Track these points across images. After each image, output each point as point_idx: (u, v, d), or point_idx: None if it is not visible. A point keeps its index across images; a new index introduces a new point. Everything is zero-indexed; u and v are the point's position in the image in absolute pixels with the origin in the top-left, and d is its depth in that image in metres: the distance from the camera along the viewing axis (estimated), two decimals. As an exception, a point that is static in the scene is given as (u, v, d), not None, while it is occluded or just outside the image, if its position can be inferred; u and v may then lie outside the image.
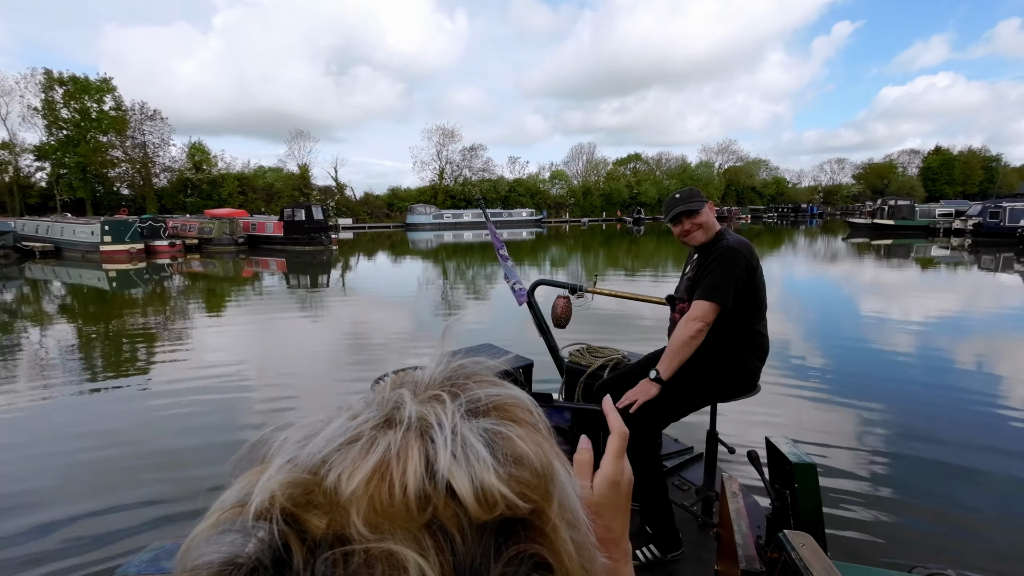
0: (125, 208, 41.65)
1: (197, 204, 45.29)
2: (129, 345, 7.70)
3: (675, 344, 2.08)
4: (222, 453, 3.61)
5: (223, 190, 47.18)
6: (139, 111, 46.82)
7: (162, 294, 13.51)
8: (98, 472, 3.66)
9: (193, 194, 47.89)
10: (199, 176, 48.50)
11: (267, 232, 27.48)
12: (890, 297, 11.04)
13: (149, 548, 1.33)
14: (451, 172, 65.30)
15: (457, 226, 51.99)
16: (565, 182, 68.82)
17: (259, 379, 5.79)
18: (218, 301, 12.29)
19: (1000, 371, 5.85)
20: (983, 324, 8.37)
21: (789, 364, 5.90)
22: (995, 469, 3.61)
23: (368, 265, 21.42)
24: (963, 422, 4.41)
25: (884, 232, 31.76)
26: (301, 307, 11.06)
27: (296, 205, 28.59)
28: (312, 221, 27.15)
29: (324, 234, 27.27)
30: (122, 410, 4.99)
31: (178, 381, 5.68)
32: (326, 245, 26.54)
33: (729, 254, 2.10)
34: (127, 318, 9.95)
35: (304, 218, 26.90)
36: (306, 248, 25.62)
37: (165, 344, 7.72)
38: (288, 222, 26.96)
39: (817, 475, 1.48)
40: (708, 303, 2.06)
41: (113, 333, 8.53)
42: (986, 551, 2.75)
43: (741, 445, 2.43)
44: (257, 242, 27.45)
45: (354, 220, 53.66)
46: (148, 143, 47.09)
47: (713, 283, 2.07)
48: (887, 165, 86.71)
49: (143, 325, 9.23)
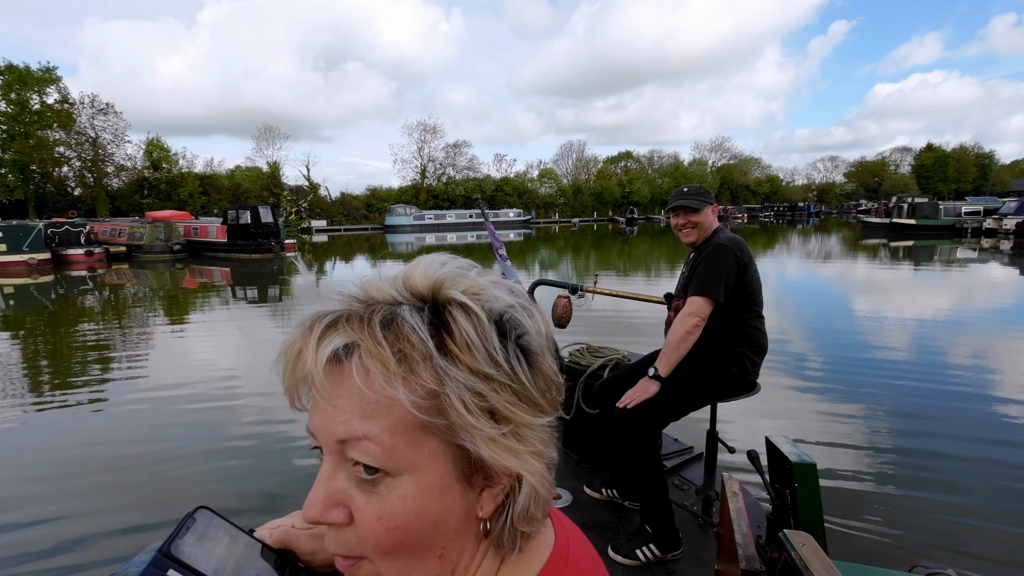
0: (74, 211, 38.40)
1: (155, 206, 41.69)
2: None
3: (672, 340, 2.08)
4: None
5: (183, 190, 43.37)
6: (90, 104, 42.84)
7: (51, 317, 10.24)
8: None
9: (150, 195, 43.99)
10: (157, 175, 44.57)
11: (209, 237, 23.70)
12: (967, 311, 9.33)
13: (149, 548, 0.90)
14: (434, 170, 61.97)
15: (440, 228, 49.50)
16: (554, 181, 65.84)
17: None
18: (120, 325, 9.16)
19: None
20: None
21: (817, 372, 5.80)
22: (997, 469, 3.61)
23: (341, 270, 18.99)
24: (965, 423, 4.40)
25: (904, 232, 29.00)
26: (224, 327, 9.05)
27: (241, 206, 24.58)
28: (259, 224, 23.16)
29: (274, 239, 23.32)
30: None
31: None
32: (277, 252, 22.80)
33: (718, 250, 2.11)
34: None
35: (250, 221, 23.00)
36: (252, 256, 22.01)
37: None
38: (232, 226, 23.08)
39: (817, 475, 1.45)
40: (701, 298, 2.06)
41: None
42: (987, 550, 2.78)
43: (742, 446, 2.23)
44: (199, 249, 23.83)
45: (329, 222, 50.22)
46: (100, 140, 43.09)
47: (704, 278, 2.08)
48: (879, 163, 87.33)
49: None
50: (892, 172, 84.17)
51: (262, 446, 4.10)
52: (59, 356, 7.30)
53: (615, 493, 2.59)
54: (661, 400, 2.07)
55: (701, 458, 2.88)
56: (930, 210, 29.21)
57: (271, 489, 3.49)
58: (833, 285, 12.84)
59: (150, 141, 45.76)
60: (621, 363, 2.81)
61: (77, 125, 41.65)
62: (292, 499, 3.20)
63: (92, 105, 42.89)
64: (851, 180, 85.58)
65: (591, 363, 2.84)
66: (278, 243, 23.24)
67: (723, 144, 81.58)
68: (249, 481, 3.61)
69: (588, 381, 2.75)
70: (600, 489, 2.64)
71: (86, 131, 42.35)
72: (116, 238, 22.76)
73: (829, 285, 12.87)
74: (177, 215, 26.30)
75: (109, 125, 43.61)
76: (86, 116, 42.49)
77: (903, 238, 27.62)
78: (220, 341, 7.90)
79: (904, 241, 26.00)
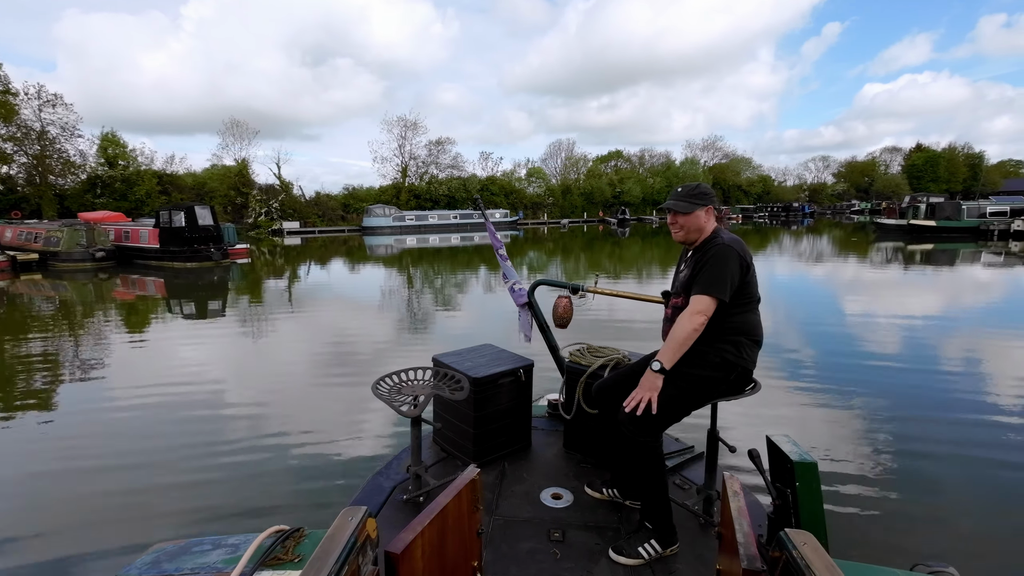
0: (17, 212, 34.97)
1: (108, 206, 38.16)
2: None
3: (678, 337, 2.09)
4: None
5: (139, 189, 39.84)
6: (36, 95, 39.09)
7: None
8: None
9: (104, 194, 40.34)
10: (111, 174, 40.91)
11: (141, 242, 20.15)
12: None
13: (151, 550, 1.21)
14: (416, 169, 58.86)
15: (421, 229, 46.70)
16: (543, 180, 63.12)
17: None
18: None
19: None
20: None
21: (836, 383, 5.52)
22: (999, 468, 3.65)
23: (309, 277, 16.11)
24: (967, 423, 4.43)
25: (923, 235, 26.74)
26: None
27: (174, 206, 20.57)
28: (195, 227, 19.38)
29: (214, 244, 19.70)
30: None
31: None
32: (217, 260, 19.28)
33: (724, 251, 2.14)
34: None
35: (184, 223, 19.19)
36: (187, 264, 18.57)
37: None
38: (164, 229, 19.28)
39: (818, 473, 1.47)
40: (708, 298, 2.09)
41: None
42: (988, 549, 2.80)
43: (743, 445, 2.22)
44: (130, 256, 20.44)
45: (302, 223, 46.97)
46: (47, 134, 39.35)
47: (711, 279, 2.11)
48: (869, 163, 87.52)
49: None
50: (882, 172, 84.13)
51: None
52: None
53: (616, 493, 2.55)
54: (664, 400, 2.09)
55: (702, 457, 2.85)
56: (952, 211, 26.90)
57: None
58: (859, 291, 12.09)
59: (104, 136, 42.03)
60: (621, 363, 2.82)
61: (19, 118, 37.93)
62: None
63: (39, 96, 39.20)
64: (841, 180, 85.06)
65: (591, 363, 2.85)
66: (219, 249, 19.68)
67: (715, 143, 79.96)
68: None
69: (588, 381, 2.76)
70: (601, 489, 2.60)
71: (31, 124, 38.64)
72: (30, 243, 19.35)
73: (857, 291, 12.06)
74: (110, 216, 22.89)
75: (58, 118, 39.90)
76: (31, 109, 38.77)
77: (921, 241, 25.43)
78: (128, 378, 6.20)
79: (923, 244, 23.87)
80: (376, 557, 1.17)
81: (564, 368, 3.12)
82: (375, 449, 4.16)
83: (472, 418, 2.82)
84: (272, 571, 0.99)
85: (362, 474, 3.57)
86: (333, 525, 1.06)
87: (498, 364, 2.98)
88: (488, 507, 2.46)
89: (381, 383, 2.51)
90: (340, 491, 3.50)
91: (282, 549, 1.05)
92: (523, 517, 2.40)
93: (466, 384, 2.62)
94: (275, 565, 1.01)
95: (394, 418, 4.59)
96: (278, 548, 1.05)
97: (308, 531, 1.13)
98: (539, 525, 2.34)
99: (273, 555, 1.03)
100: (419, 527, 1.19)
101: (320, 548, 0.98)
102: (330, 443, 4.29)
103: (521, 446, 3.05)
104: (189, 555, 1.08)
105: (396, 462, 2.88)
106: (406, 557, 1.12)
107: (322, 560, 0.94)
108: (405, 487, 2.59)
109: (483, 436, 2.86)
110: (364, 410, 4.89)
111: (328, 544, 0.99)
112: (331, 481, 3.70)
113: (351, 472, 3.77)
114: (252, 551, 1.02)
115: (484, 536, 1.94)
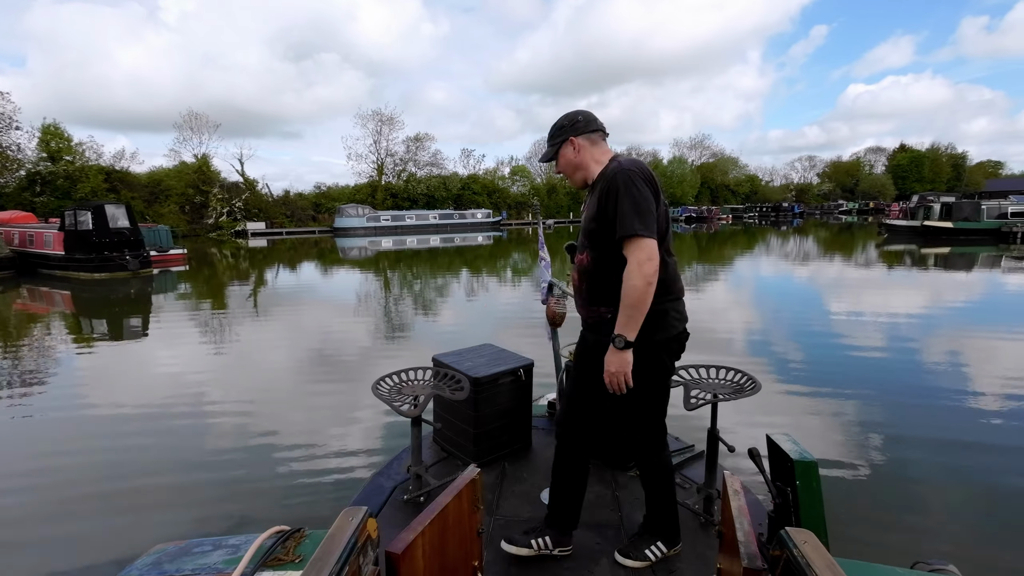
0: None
1: (50, 204, 34.57)
2: None
3: (632, 298, 1.72)
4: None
5: (83, 186, 36.24)
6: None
7: None
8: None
9: (45, 191, 36.64)
10: (53, 169, 37.17)
11: (45, 248, 16.84)
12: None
13: (151, 551, 1.21)
14: (392, 166, 55.78)
15: (398, 230, 43.86)
16: (527, 179, 60.53)
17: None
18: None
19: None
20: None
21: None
22: (1000, 468, 3.62)
23: (276, 282, 13.48)
24: (969, 424, 4.37)
25: (939, 237, 24.79)
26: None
27: (80, 205, 16.72)
28: (105, 231, 15.73)
29: (130, 251, 16.13)
30: None
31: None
32: (134, 270, 16.04)
33: (630, 177, 1.75)
34: None
35: (92, 226, 15.54)
36: (94, 276, 15.33)
37: None
38: (70, 232, 15.80)
39: (819, 472, 1.45)
40: (645, 239, 1.70)
41: None
42: (988, 547, 2.78)
43: (743, 445, 2.18)
44: (34, 264, 17.22)
45: (269, 224, 43.72)
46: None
47: (634, 213, 1.71)
48: (854, 163, 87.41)
49: None
50: (867, 172, 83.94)
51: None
52: None
53: (547, 542, 2.28)
54: (644, 385, 1.88)
55: (702, 456, 2.86)
56: (971, 211, 24.93)
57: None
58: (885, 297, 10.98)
59: (45, 128, 38.20)
60: None
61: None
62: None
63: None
64: (826, 180, 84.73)
65: None
66: (136, 256, 16.21)
67: (703, 142, 78.38)
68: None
69: None
70: (529, 542, 2.28)
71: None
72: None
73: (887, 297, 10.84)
74: (17, 217, 19.57)
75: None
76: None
77: (937, 244, 23.46)
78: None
79: (940, 247, 21.90)
80: (377, 557, 1.19)
81: (564, 368, 3.14)
82: (375, 450, 4.15)
83: (472, 418, 2.83)
84: (273, 571, 1.00)
85: (362, 474, 3.60)
86: (334, 525, 1.08)
87: (498, 364, 2.98)
88: (488, 507, 2.49)
89: (381, 383, 2.54)
90: (340, 491, 3.48)
91: (283, 549, 1.06)
92: (523, 517, 2.44)
93: (466, 384, 2.65)
94: (276, 565, 1.02)
95: (394, 418, 4.53)
96: (279, 548, 1.06)
97: (309, 531, 1.13)
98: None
99: (274, 555, 1.04)
100: (420, 527, 1.22)
101: (321, 548, 0.99)
102: (330, 444, 4.27)
103: (521, 446, 3.06)
104: (190, 556, 1.09)
105: (396, 462, 2.91)
106: (407, 557, 1.15)
107: (323, 560, 0.95)
108: (405, 487, 2.61)
109: (483, 436, 2.87)
110: (364, 410, 4.88)
111: (329, 544, 1.01)
112: (331, 481, 3.66)
113: (351, 472, 3.76)
114: (253, 551, 1.03)
115: (484, 536, 1.86)
